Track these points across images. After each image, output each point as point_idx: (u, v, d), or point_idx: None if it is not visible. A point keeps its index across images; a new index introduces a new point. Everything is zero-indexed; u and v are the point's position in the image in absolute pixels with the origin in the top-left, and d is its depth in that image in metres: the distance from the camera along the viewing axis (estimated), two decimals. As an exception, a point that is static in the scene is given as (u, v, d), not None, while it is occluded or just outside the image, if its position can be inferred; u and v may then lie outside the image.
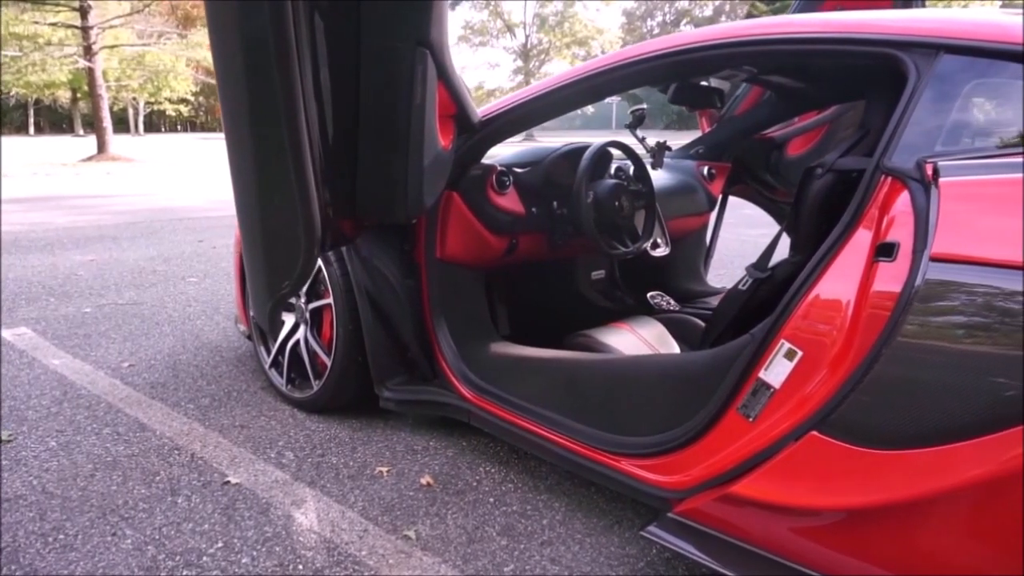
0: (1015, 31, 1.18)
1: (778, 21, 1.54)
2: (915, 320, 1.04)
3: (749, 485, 1.26)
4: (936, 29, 1.26)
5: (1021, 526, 0.99)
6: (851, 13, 1.50)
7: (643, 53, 1.66)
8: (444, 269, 2.03)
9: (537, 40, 36.51)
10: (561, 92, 1.81)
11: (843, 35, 1.38)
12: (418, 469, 1.94)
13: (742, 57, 1.64)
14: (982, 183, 1.05)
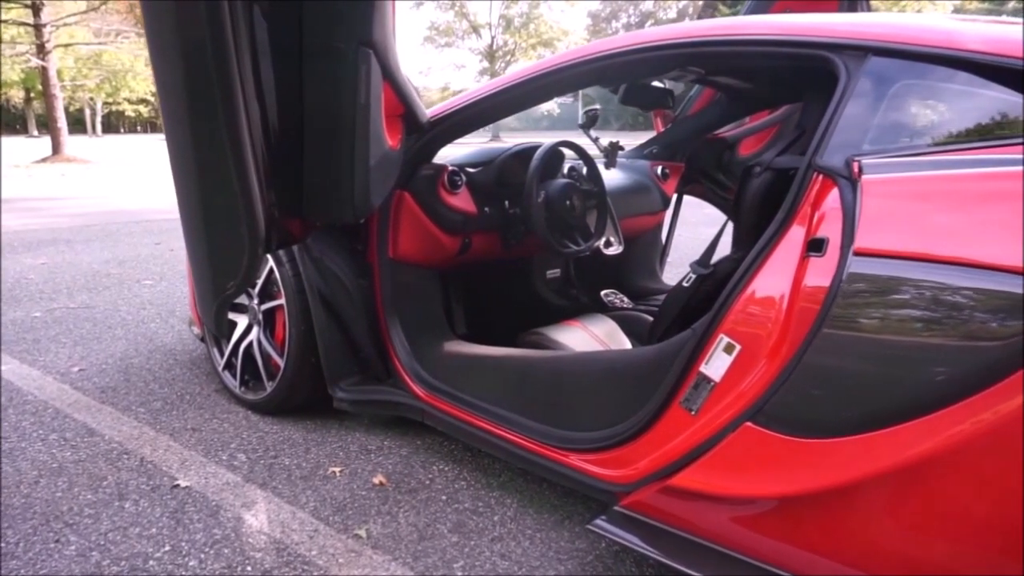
0: (940, 35, 1.22)
1: (719, 23, 1.58)
2: (838, 313, 1.07)
3: (688, 477, 1.29)
4: (865, 32, 1.30)
5: (942, 507, 1.03)
6: (788, 16, 1.54)
7: (591, 54, 1.68)
8: (397, 269, 2.03)
9: (503, 41, 36.57)
10: (511, 92, 1.83)
11: (779, 37, 1.42)
12: (371, 469, 1.94)
13: (685, 58, 1.68)
14: (901, 180, 1.09)
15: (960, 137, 1.17)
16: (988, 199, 1.01)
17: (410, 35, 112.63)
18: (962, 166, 1.06)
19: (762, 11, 2.64)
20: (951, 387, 0.97)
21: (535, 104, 2.03)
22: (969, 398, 0.96)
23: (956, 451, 0.99)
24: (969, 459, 0.99)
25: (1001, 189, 1.00)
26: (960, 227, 1.00)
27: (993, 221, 0.98)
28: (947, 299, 0.98)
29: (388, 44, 1.54)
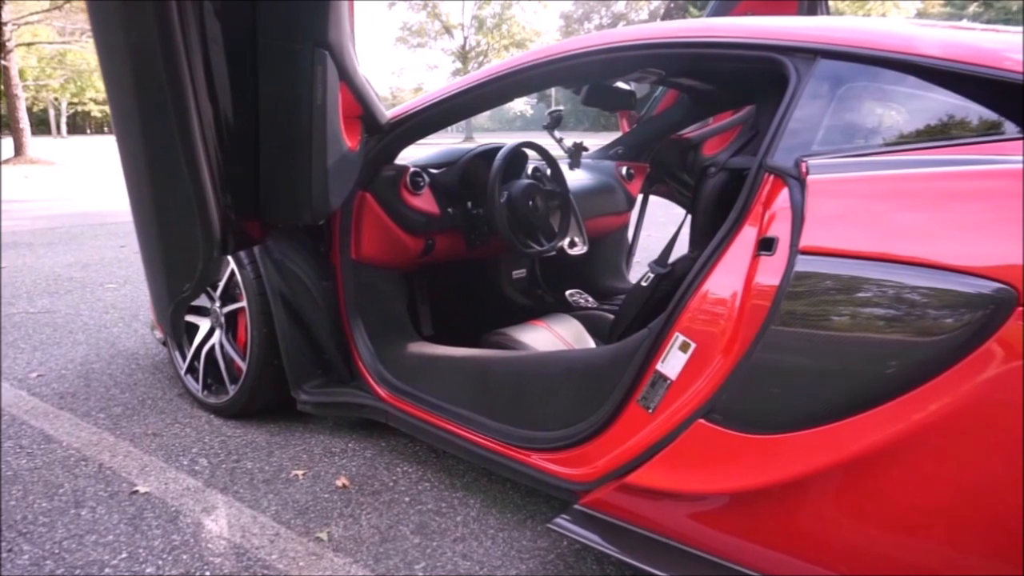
0: (886, 39, 1.25)
1: (676, 25, 1.60)
2: (785, 311, 1.09)
3: (644, 475, 1.31)
4: (815, 35, 1.33)
5: (888, 499, 1.05)
6: (741, 19, 1.57)
7: (551, 55, 1.69)
8: (360, 270, 2.02)
9: (475, 42, 36.54)
10: (472, 93, 1.83)
11: (732, 40, 1.44)
12: (335, 471, 1.93)
13: (644, 59, 1.69)
14: (845, 180, 1.11)
15: (905, 138, 1.20)
16: (930, 198, 1.03)
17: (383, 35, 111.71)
18: (906, 166, 1.08)
19: (724, 13, 2.68)
20: (894, 382, 0.99)
21: (496, 105, 2.03)
22: (910, 392, 0.98)
23: (900, 444, 1.01)
24: (913, 451, 1.01)
25: (942, 189, 1.02)
26: (902, 226, 1.03)
27: (934, 220, 1.01)
28: (889, 296, 1.01)
29: (344, 45, 1.54)
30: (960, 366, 0.94)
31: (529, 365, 1.76)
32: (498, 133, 33.01)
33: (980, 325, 0.92)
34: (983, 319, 0.92)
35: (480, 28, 36.22)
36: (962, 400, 0.95)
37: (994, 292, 0.92)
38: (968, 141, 1.12)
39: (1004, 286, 0.91)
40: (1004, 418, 0.93)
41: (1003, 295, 0.91)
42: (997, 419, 0.94)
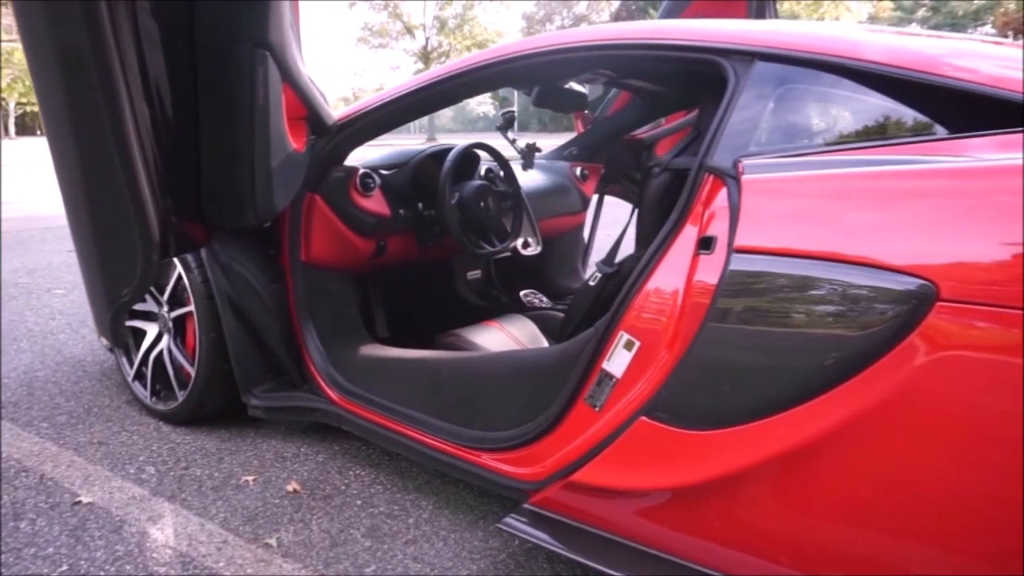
0: (822, 42, 1.28)
1: (623, 27, 1.62)
2: (720, 308, 1.11)
3: (589, 473, 1.32)
4: (752, 38, 1.36)
5: (821, 491, 1.08)
6: (684, 21, 1.59)
7: (501, 56, 1.70)
8: (310, 272, 2.00)
9: (437, 43, 36.39)
10: (422, 93, 1.82)
11: (673, 42, 1.46)
12: (286, 476, 1.91)
13: (593, 61, 1.71)
14: (777, 180, 1.13)
15: (837, 139, 1.23)
16: (857, 197, 1.06)
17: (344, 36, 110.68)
18: (836, 166, 1.11)
19: (676, 14, 2.71)
20: (825, 376, 1.02)
21: (447, 106, 2.03)
22: (841, 385, 1.01)
23: (833, 436, 1.03)
24: (845, 442, 1.04)
25: (869, 188, 1.05)
26: (831, 224, 1.06)
27: (861, 218, 1.04)
28: (818, 292, 1.03)
29: (286, 45, 1.52)
30: (886, 359, 0.97)
31: (479, 366, 1.76)
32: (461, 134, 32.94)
33: (904, 319, 0.95)
34: (907, 313, 0.95)
35: (442, 29, 36.08)
36: (889, 392, 0.98)
37: (917, 288, 0.95)
38: (897, 142, 1.15)
39: (925, 282, 0.94)
40: (927, 407, 0.96)
41: (925, 291, 0.94)
42: (921, 409, 0.97)
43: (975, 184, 0.97)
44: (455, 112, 46.83)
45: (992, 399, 0.93)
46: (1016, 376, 0.90)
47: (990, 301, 0.91)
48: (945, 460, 0.98)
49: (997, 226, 0.93)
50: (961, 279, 0.93)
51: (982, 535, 0.98)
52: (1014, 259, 0.91)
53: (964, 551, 1.00)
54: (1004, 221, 0.93)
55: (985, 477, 0.96)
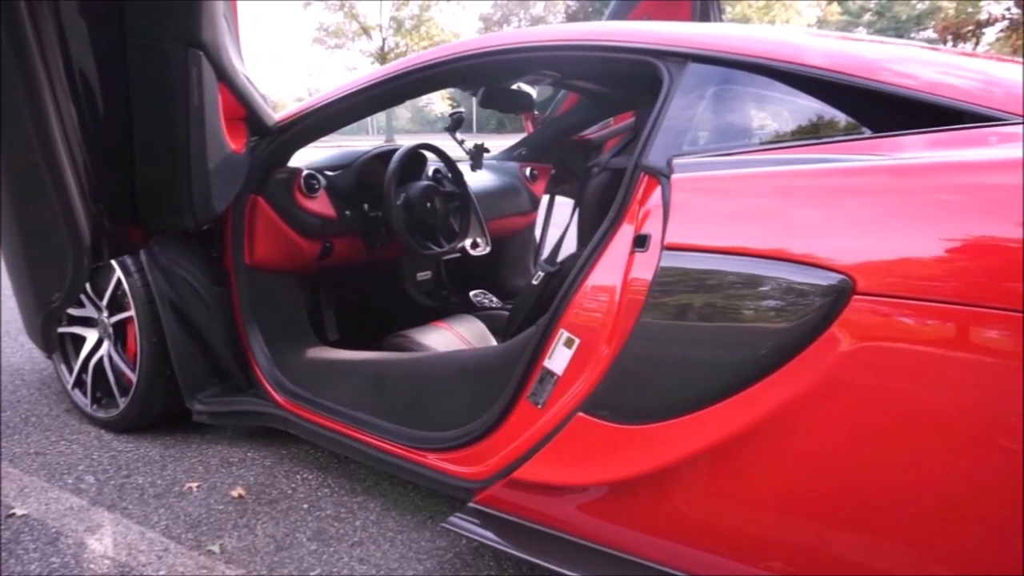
0: (753, 45, 1.32)
1: (565, 28, 1.64)
2: (652, 305, 1.14)
3: (529, 470, 1.33)
4: (686, 40, 1.38)
5: (754, 481, 1.11)
6: (622, 23, 1.62)
7: (446, 56, 1.70)
8: (255, 275, 1.98)
9: (394, 43, 36.14)
10: (367, 93, 1.81)
11: (611, 43, 1.49)
12: (231, 482, 1.88)
13: (536, 62, 1.73)
14: (704, 179, 1.16)
15: (765, 138, 1.27)
16: (781, 194, 1.09)
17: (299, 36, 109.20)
18: (761, 165, 1.14)
19: (624, 16, 2.75)
20: (752, 369, 1.05)
21: (393, 105, 2.03)
22: (767, 378, 1.04)
23: (761, 426, 1.06)
24: (773, 432, 1.07)
25: (791, 186, 1.09)
26: (755, 221, 1.09)
27: (784, 215, 1.07)
28: (744, 288, 1.06)
29: (221, 45, 1.50)
30: (809, 351, 1.00)
31: (424, 366, 1.76)
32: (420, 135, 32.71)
33: (825, 313, 0.99)
34: (827, 307, 0.98)
35: (398, 29, 35.81)
36: (812, 382, 1.01)
37: (837, 282, 0.98)
38: (822, 141, 1.19)
39: (844, 276, 0.97)
40: (849, 397, 1.00)
41: (843, 285, 0.97)
42: (843, 398, 1.00)
43: (890, 182, 1.01)
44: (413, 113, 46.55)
45: (907, 387, 0.97)
46: (929, 364, 0.95)
47: (904, 294, 0.94)
48: (867, 446, 1.01)
49: (911, 222, 0.97)
50: (876, 273, 0.96)
51: (906, 517, 1.02)
52: (927, 253, 0.95)
53: (891, 534, 1.03)
54: (918, 218, 0.97)
55: (903, 461, 0.99)
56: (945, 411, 0.95)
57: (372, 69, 1.97)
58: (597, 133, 2.98)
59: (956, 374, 0.93)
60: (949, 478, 0.97)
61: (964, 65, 1.28)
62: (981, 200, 0.95)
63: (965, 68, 1.26)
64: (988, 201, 0.94)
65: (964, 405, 0.93)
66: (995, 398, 0.91)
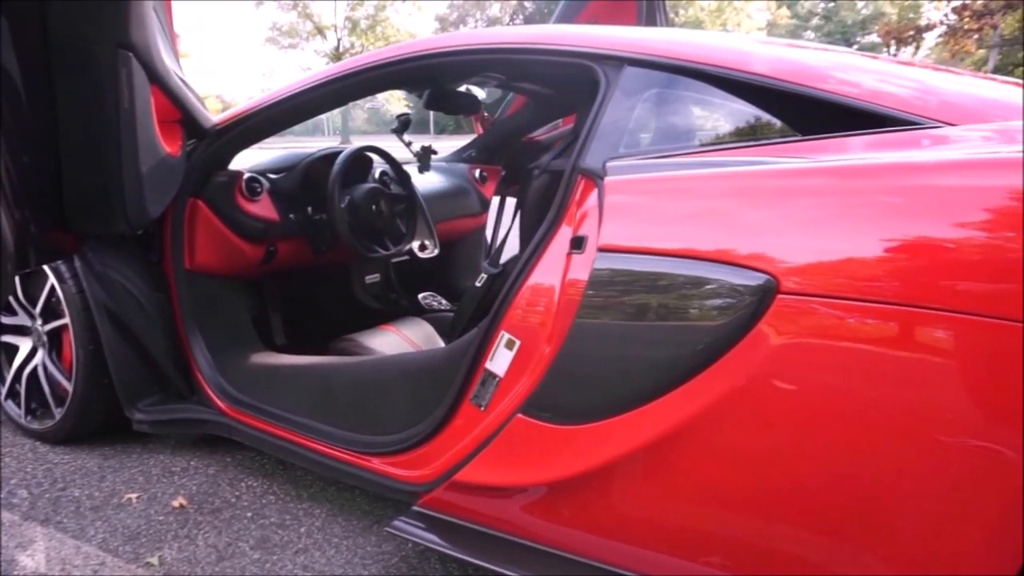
0: (688, 49, 1.34)
1: (506, 31, 1.64)
2: (587, 306, 1.15)
3: (470, 471, 1.34)
4: (623, 44, 1.41)
5: (689, 477, 1.13)
6: (563, 26, 1.63)
7: (390, 58, 1.69)
8: (196, 280, 1.94)
9: (349, 44, 35.77)
10: (311, 94, 1.79)
11: (551, 47, 1.50)
12: (173, 491, 1.84)
13: (480, 64, 1.73)
14: (636, 181, 1.18)
15: (697, 141, 1.29)
16: (709, 196, 1.12)
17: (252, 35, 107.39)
18: (691, 167, 1.17)
19: (570, 18, 2.77)
20: (682, 368, 1.07)
21: (338, 107, 2.01)
22: (697, 376, 1.06)
23: (694, 423, 1.08)
24: (706, 429, 1.09)
25: (719, 188, 1.11)
26: (684, 222, 1.11)
27: (711, 216, 1.10)
28: (674, 287, 1.08)
29: (151, 46, 1.47)
30: (737, 349, 1.03)
31: (368, 370, 1.75)
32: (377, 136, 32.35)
33: (751, 311, 1.01)
34: (753, 306, 1.01)
35: (353, 30, 35.46)
36: (741, 379, 1.03)
37: (763, 282, 1.01)
38: (751, 144, 1.22)
39: (768, 276, 1.00)
40: (775, 393, 1.03)
41: (768, 284, 1.00)
42: (770, 394, 1.03)
43: (811, 183, 1.04)
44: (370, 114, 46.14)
45: (830, 382, 1.00)
46: (849, 360, 0.98)
47: (825, 293, 0.97)
48: (794, 440, 1.04)
49: (830, 223, 1.00)
50: (798, 273, 0.99)
51: (836, 509, 1.05)
52: (846, 254, 0.98)
53: (823, 526, 1.06)
54: (837, 219, 1.00)
55: (828, 454, 1.03)
56: (866, 405, 0.98)
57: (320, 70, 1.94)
58: (546, 135, 3.00)
59: (876, 369, 0.96)
60: (873, 469, 1.00)
61: (901, 74, 1.32)
62: (899, 202, 0.98)
63: (902, 77, 1.29)
64: (906, 203, 0.98)
65: (884, 399, 0.97)
66: (913, 391, 0.95)
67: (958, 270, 0.92)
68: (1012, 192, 0.91)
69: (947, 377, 0.92)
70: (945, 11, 14.94)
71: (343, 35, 35.85)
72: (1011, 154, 0.95)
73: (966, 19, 13.97)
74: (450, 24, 46.92)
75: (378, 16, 35.27)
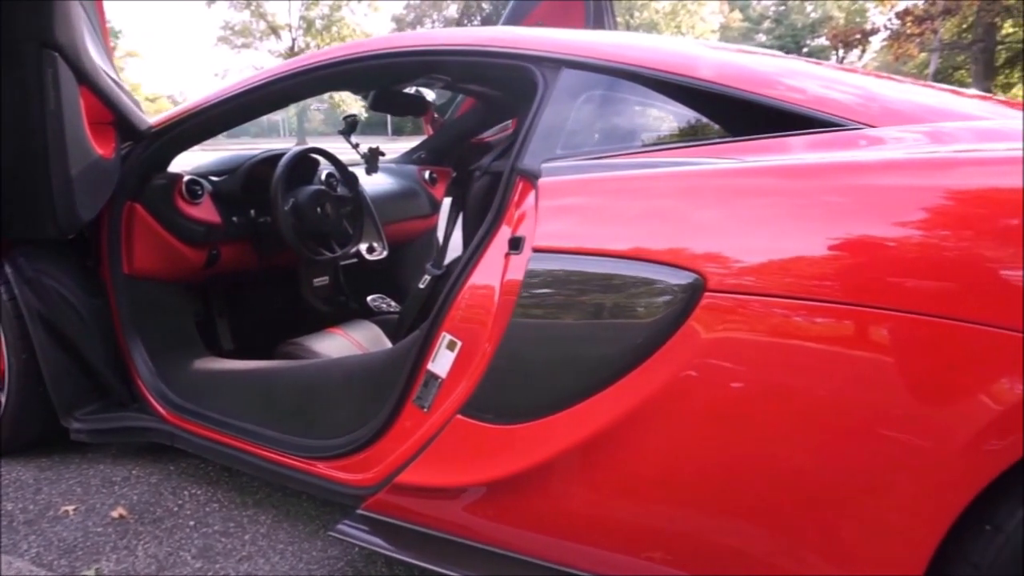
0: (625, 52, 1.36)
1: (449, 33, 1.65)
2: (522, 306, 1.17)
3: (412, 473, 1.34)
4: (560, 46, 1.42)
5: (625, 473, 1.15)
6: (502, 28, 1.64)
7: (335, 58, 1.67)
8: (135, 285, 1.90)
9: (304, 44, 35.30)
10: (252, 95, 1.77)
11: (491, 48, 1.51)
12: (112, 502, 1.80)
13: (423, 65, 1.73)
14: (569, 182, 1.20)
15: (631, 142, 1.31)
16: (639, 196, 1.14)
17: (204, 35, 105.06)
18: (623, 168, 1.19)
19: (517, 21, 2.78)
20: (615, 366, 1.09)
21: (280, 108, 1.99)
22: (630, 374, 1.08)
23: (629, 419, 1.10)
24: (641, 424, 1.10)
25: (649, 188, 1.14)
26: (615, 222, 1.13)
27: (642, 216, 1.12)
28: (604, 287, 1.10)
29: (79, 46, 1.43)
30: (667, 346, 1.05)
31: (312, 373, 1.74)
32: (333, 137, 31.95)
33: (680, 309, 1.03)
34: (682, 303, 1.03)
35: (308, 29, 35.01)
36: (672, 376, 1.05)
37: (691, 280, 1.03)
38: (682, 145, 1.25)
39: (696, 274, 1.02)
40: (705, 388, 1.05)
41: (696, 283, 1.02)
42: (699, 391, 1.05)
43: (735, 183, 1.07)
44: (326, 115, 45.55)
45: (758, 376, 1.02)
46: (777, 354, 1.00)
47: (750, 291, 1.00)
48: (725, 433, 1.06)
49: (754, 221, 1.03)
50: (726, 271, 1.02)
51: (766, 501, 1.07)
52: (770, 251, 1.01)
53: (757, 520, 1.08)
54: (760, 217, 1.03)
55: (759, 447, 1.05)
56: (793, 398, 1.01)
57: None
58: (496, 136, 3.01)
59: (800, 363, 0.99)
60: (802, 463, 1.03)
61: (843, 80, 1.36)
62: (818, 201, 1.02)
63: (845, 83, 1.33)
64: (825, 203, 1.01)
65: (809, 392, 1.00)
66: (834, 385, 0.98)
67: (875, 267, 0.95)
68: (922, 191, 0.95)
69: (865, 371, 0.95)
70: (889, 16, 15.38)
71: (298, 35, 35.37)
72: (925, 155, 0.99)
73: (908, 24, 14.42)
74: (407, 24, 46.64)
75: (333, 16, 34.89)
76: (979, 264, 0.90)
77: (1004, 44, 15.66)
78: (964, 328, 0.89)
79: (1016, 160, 0.92)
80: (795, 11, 37.19)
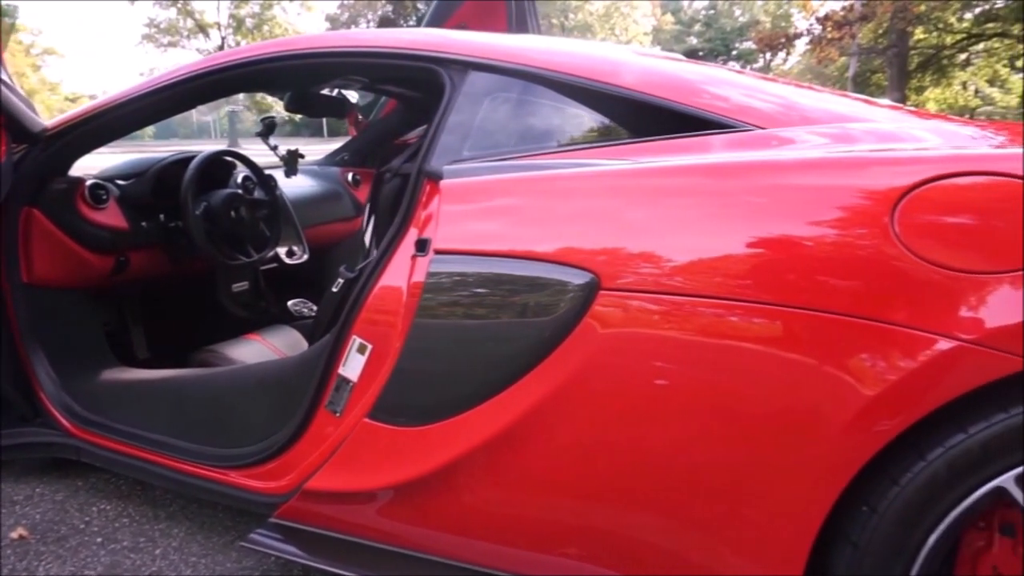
0: (531, 55, 1.38)
1: (361, 34, 1.63)
2: (424, 307, 1.17)
3: (321, 479, 1.33)
4: (468, 48, 1.43)
5: (530, 470, 1.16)
6: (410, 31, 1.64)
7: (247, 57, 1.64)
8: (35, 294, 1.82)
9: (234, 43, 34.38)
10: (158, 95, 1.71)
11: (400, 50, 1.50)
12: (12, 522, 1.72)
13: (336, 67, 1.71)
14: (470, 184, 1.21)
15: (534, 144, 1.33)
16: (536, 197, 1.16)
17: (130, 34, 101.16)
18: (523, 170, 1.20)
19: (439, 22, 2.78)
20: (517, 364, 1.10)
21: (187, 109, 1.94)
22: (530, 373, 1.09)
23: (531, 417, 1.11)
24: (543, 422, 1.12)
25: (547, 189, 1.16)
26: (512, 223, 1.15)
27: (539, 216, 1.14)
28: (504, 287, 1.11)
29: None
30: (566, 343, 1.07)
31: (224, 381, 1.70)
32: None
33: (577, 307, 1.05)
34: (579, 302, 1.05)
35: (239, 28, 34.13)
36: (571, 373, 1.07)
37: (587, 280, 1.05)
38: (583, 147, 1.27)
39: (591, 274, 1.05)
40: (602, 386, 1.07)
41: (590, 282, 1.05)
42: (599, 388, 1.08)
43: (630, 183, 1.10)
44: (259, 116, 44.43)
45: (655, 372, 1.05)
46: (672, 350, 1.03)
47: (642, 288, 1.03)
48: (625, 428, 1.09)
49: (647, 220, 1.06)
50: (619, 269, 1.04)
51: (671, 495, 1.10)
52: (662, 249, 1.04)
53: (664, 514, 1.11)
54: (653, 216, 1.06)
55: (656, 441, 1.08)
56: (691, 393, 1.04)
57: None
58: (419, 138, 2.99)
59: (695, 358, 1.03)
60: (697, 454, 1.06)
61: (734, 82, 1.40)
62: (710, 200, 1.05)
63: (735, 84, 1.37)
64: (717, 201, 1.05)
65: (705, 387, 1.03)
66: (724, 378, 1.01)
67: (767, 265, 0.99)
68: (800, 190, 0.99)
69: (749, 363, 0.99)
70: (811, 21, 15.96)
71: (228, 34, 34.44)
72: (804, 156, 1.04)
73: (829, 28, 14.97)
74: (341, 24, 45.89)
75: (264, 15, 34.11)
76: (851, 259, 0.95)
77: (916, 49, 16.45)
78: (836, 320, 0.93)
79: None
80: (724, 15, 38.26)
